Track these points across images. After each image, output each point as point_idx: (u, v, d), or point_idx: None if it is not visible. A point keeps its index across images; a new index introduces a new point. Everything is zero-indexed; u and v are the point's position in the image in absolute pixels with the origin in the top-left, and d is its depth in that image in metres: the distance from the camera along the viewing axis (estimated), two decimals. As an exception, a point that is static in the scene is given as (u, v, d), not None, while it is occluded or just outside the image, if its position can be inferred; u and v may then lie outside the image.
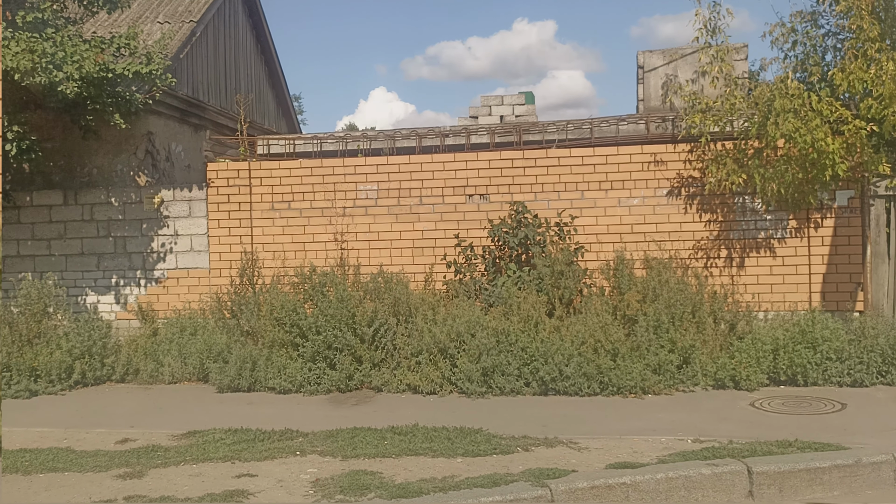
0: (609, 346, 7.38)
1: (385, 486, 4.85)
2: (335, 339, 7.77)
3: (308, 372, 7.83)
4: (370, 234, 10.48)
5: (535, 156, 10.26)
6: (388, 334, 7.87)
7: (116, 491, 5.05)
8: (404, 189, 10.44)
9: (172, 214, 10.82)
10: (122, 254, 10.92)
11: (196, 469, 5.46)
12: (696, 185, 9.85)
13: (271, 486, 5.00)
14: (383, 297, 8.09)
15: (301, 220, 10.57)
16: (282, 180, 10.65)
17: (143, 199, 10.89)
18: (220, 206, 10.73)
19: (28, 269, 11.11)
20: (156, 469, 5.49)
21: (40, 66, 8.40)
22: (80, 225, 10.99)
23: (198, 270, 10.76)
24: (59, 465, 5.66)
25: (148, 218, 10.87)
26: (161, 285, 10.82)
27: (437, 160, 10.45)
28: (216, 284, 10.69)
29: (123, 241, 10.92)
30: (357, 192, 10.49)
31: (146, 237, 10.88)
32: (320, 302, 7.96)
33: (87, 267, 10.97)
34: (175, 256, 10.83)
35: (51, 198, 11.07)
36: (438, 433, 6.04)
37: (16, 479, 5.41)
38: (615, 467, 5.07)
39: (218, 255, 10.73)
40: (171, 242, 10.82)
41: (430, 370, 7.55)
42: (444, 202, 10.35)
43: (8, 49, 8.36)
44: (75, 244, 11.00)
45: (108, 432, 6.60)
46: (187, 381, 8.75)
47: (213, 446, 5.97)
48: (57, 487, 5.19)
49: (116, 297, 10.93)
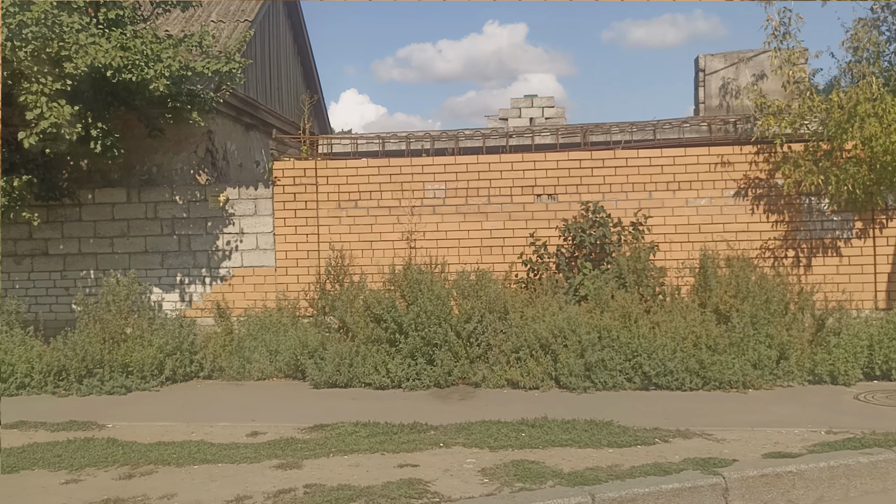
0: (709, 341, 7.55)
1: (558, 475, 4.96)
2: (435, 335, 7.86)
3: (408, 368, 7.91)
4: (438, 233, 10.58)
5: (603, 156, 10.42)
6: (488, 330, 7.98)
7: (283, 480, 5.12)
8: (472, 188, 10.55)
9: (238, 213, 10.85)
10: (186, 252, 10.93)
11: (352, 459, 5.54)
12: (762, 186, 10.07)
13: (441, 475, 5.09)
14: (479, 294, 8.20)
15: (368, 219, 10.65)
16: (348, 179, 10.72)
17: (207, 198, 10.90)
18: (287, 204, 10.77)
19: (90, 266, 11.10)
20: (309, 460, 5.56)
21: (132, 63, 8.41)
22: (144, 223, 10.98)
23: (263, 269, 10.80)
24: (208, 457, 5.71)
25: (213, 216, 10.89)
26: (226, 283, 10.84)
27: (506, 160, 10.57)
28: (282, 283, 10.75)
29: (188, 239, 10.93)
30: (425, 191, 10.59)
31: (211, 235, 10.90)
32: (419, 299, 8.05)
33: (150, 265, 10.96)
34: (240, 255, 10.86)
35: (114, 196, 11.06)
36: (572, 425, 6.16)
37: (173, 470, 5.46)
38: (772, 457, 5.23)
39: (284, 254, 10.78)
40: (237, 240, 10.85)
41: (532, 365, 7.67)
42: (513, 202, 10.48)
43: (99, 46, 8.37)
44: (139, 242, 10.99)
45: (232, 426, 6.65)
46: (276, 377, 8.79)
47: (351, 438, 6.05)
48: (221, 478, 5.24)
49: (181, 295, 10.94)
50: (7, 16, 7.99)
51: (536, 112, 18.25)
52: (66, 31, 8.22)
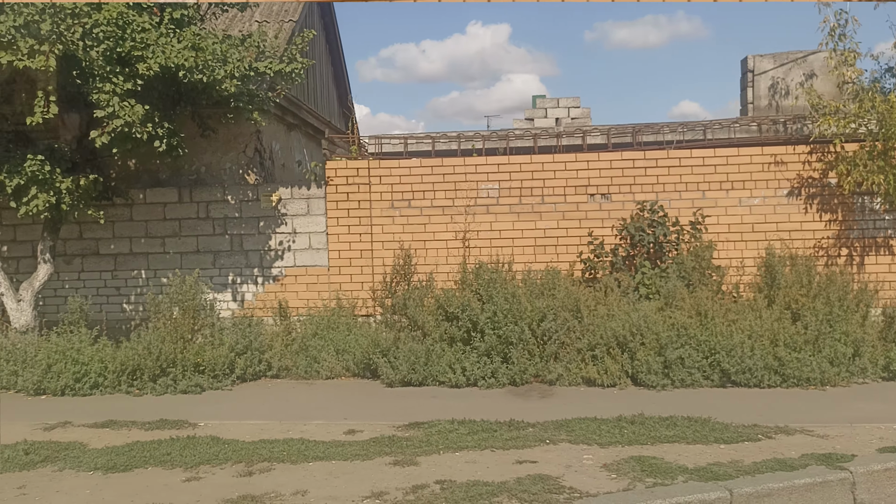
0: (786, 338, 7.64)
1: (684, 470, 5.03)
2: (511, 333, 7.91)
3: (483, 367, 7.96)
4: (491, 233, 10.64)
5: (657, 156, 10.50)
6: (563, 328, 8.04)
7: (406, 477, 5.16)
8: (526, 188, 10.62)
9: (290, 212, 10.87)
10: (238, 251, 10.94)
11: (466, 456, 5.58)
12: (816, 185, 10.18)
13: (565, 471, 5.14)
14: (552, 293, 8.25)
15: (421, 219, 10.69)
16: (401, 178, 10.76)
17: (259, 197, 10.92)
18: (340, 204, 10.80)
19: (141, 266, 11.09)
20: (422, 457, 5.60)
21: (204, 63, 8.42)
22: (196, 222, 10.98)
23: (316, 268, 10.83)
24: (318, 454, 5.74)
25: (265, 216, 10.90)
26: (279, 283, 10.86)
27: (559, 160, 10.64)
28: (335, 282, 10.78)
29: (240, 239, 10.94)
30: (478, 190, 10.65)
31: (263, 235, 10.91)
32: (495, 297, 8.10)
33: (202, 265, 10.94)
34: (293, 254, 10.88)
35: (165, 195, 11.05)
36: (671, 422, 6.23)
37: (289, 468, 5.49)
38: (887, 451, 5.31)
39: (337, 253, 10.81)
40: (289, 240, 10.87)
41: (609, 363, 7.74)
42: (566, 201, 10.55)
43: (172, 46, 8.38)
44: (190, 242, 10.99)
45: (326, 424, 6.68)
46: (343, 376, 8.82)
47: (453, 436, 6.09)
48: (342, 475, 5.27)
49: (234, 294, 10.94)
50: (81, 15, 7.99)
51: (562, 112, 18.35)
52: (136, 30, 8.22)
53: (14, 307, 9.39)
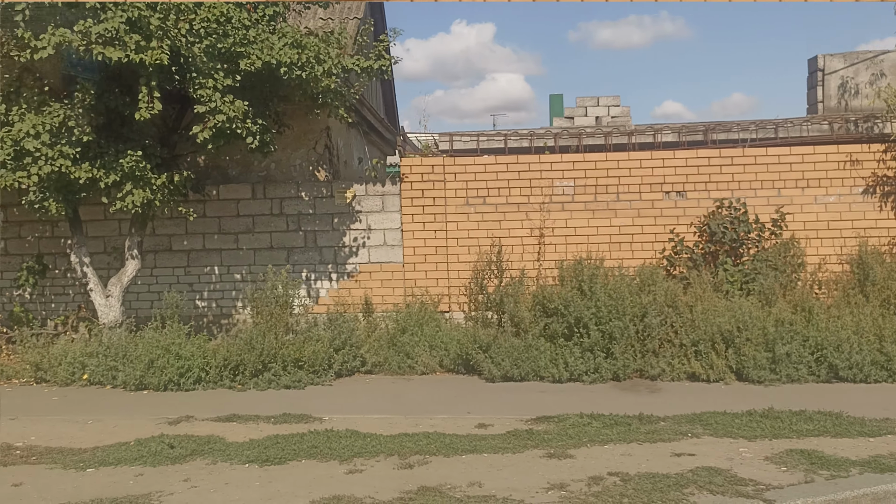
0: (891, 334, 7.73)
1: (851, 463, 5.10)
2: (615, 329, 7.98)
3: (587, 362, 8.02)
4: (567, 230, 10.70)
5: (732, 154, 10.59)
6: (666, 324, 8.11)
7: (572, 469, 5.22)
8: (601, 185, 10.68)
9: (365, 209, 10.90)
10: (312, 248, 10.96)
11: (616, 449, 5.65)
12: (891, 183, 10.28)
13: (730, 464, 5.21)
14: (651, 289, 8.33)
15: (496, 216, 10.74)
16: (476, 175, 10.81)
17: (334, 194, 10.95)
18: (415, 200, 10.84)
19: (214, 262, 11.10)
20: (573, 450, 5.66)
21: (306, 60, 8.45)
22: (269, 219, 11.00)
23: (391, 265, 10.86)
24: (466, 447, 5.80)
25: (339, 212, 10.93)
26: (353, 279, 10.88)
27: (634, 157, 10.71)
28: (410, 278, 10.82)
29: (314, 235, 10.96)
30: (553, 188, 10.70)
31: (337, 231, 10.94)
32: (597, 293, 8.16)
33: (276, 261, 10.96)
34: (367, 251, 10.91)
35: (238, 191, 11.06)
36: (804, 416, 6.31)
37: (444, 460, 5.54)
38: None
39: (412, 250, 10.84)
40: (364, 237, 10.90)
41: (713, 358, 7.82)
42: (641, 198, 10.61)
43: (273, 43, 8.40)
44: (264, 238, 11.01)
45: (452, 418, 6.73)
46: (437, 372, 8.87)
47: (590, 429, 6.16)
48: (503, 468, 5.33)
49: (308, 290, 10.96)
50: (187, 12, 8.01)
51: (602, 111, 18.43)
52: (237, 27, 8.24)
53: (102, 303, 9.39)
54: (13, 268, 11.20)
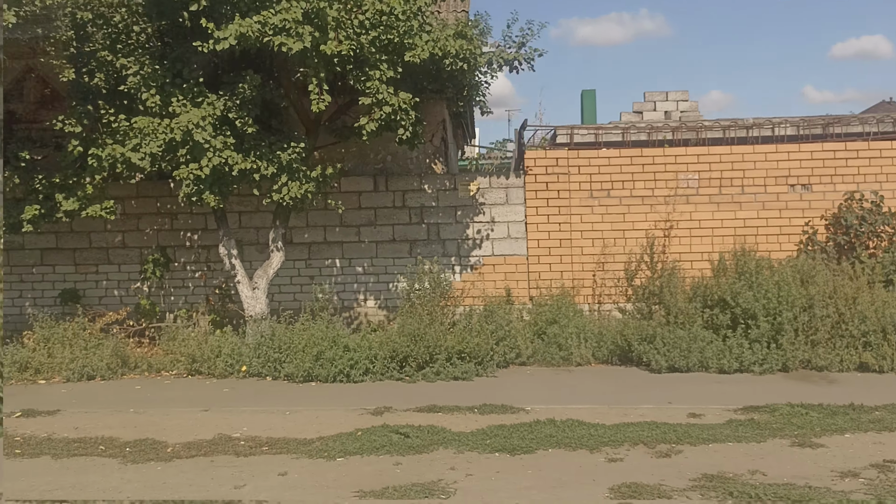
0: None
1: None
2: (785, 320, 8.03)
3: (756, 353, 8.07)
4: (691, 223, 10.75)
5: (857, 147, 10.66)
6: (832, 315, 8.17)
7: (834, 459, 5.27)
8: (725, 178, 10.73)
9: (488, 201, 10.91)
10: (435, 240, 10.96)
11: (863, 438, 5.73)
12: None
13: None
14: (812, 280, 8.38)
15: (620, 208, 10.78)
16: (600, 168, 10.83)
17: (457, 186, 10.95)
18: (539, 193, 10.86)
19: (336, 255, 11.09)
20: (816, 438, 5.73)
21: (469, 51, 8.46)
22: (392, 211, 10.99)
23: (515, 257, 10.88)
24: (704, 436, 5.84)
25: (463, 205, 10.94)
26: (476, 272, 10.90)
27: (759, 151, 10.76)
28: (535, 271, 10.84)
29: (437, 228, 10.96)
30: (678, 180, 10.74)
31: (461, 224, 10.95)
32: (764, 285, 8.21)
33: (398, 254, 10.98)
34: (491, 243, 10.92)
35: (360, 184, 11.04)
36: None
37: (693, 449, 5.60)
38: None
39: (536, 242, 10.86)
40: (487, 229, 10.91)
41: (886, 349, 7.88)
42: (766, 191, 10.67)
43: (439, 34, 8.40)
44: (386, 231, 11.00)
45: (657, 408, 6.76)
46: (592, 363, 8.91)
47: (810, 419, 6.23)
48: (764, 456, 5.39)
49: (430, 283, 10.94)
50: (362, 3, 8.00)
51: (671, 105, 18.47)
52: (401, 19, 8.23)
53: (249, 295, 9.38)
54: (130, 260, 11.17)
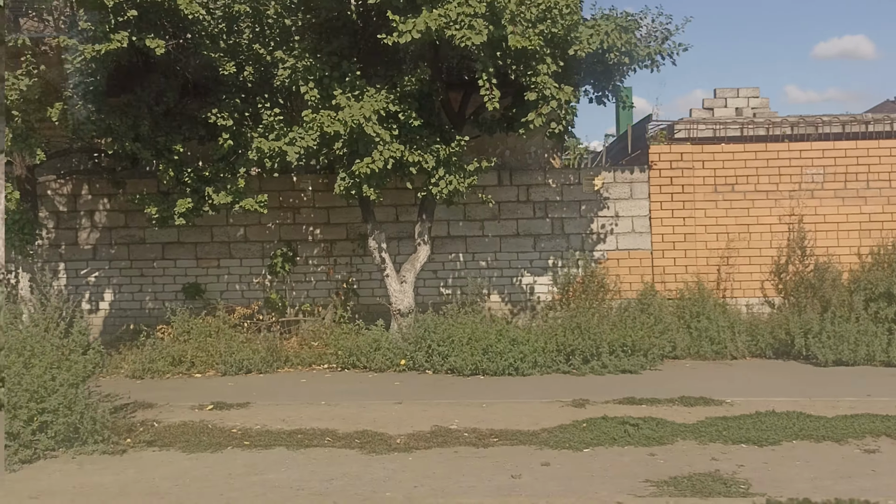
0: None
1: None
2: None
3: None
4: (815, 217, 10.77)
5: (983, 141, 10.69)
6: None
7: None
8: (850, 173, 10.78)
9: (612, 196, 10.94)
10: (559, 235, 10.98)
11: None
12: None
13: None
14: None
15: (745, 203, 10.80)
16: (724, 163, 10.87)
17: (581, 181, 10.98)
18: (663, 188, 10.89)
19: (459, 249, 11.11)
20: None
21: (632, 45, 8.47)
22: (516, 206, 11.01)
23: (638, 251, 10.91)
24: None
25: (586, 199, 10.96)
26: (600, 266, 10.91)
27: (884, 146, 10.82)
28: (658, 265, 10.87)
29: (561, 222, 10.99)
30: (802, 175, 10.77)
31: (585, 218, 10.97)
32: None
33: (522, 248, 11.01)
34: (615, 238, 10.95)
35: (484, 178, 10.94)
36: None
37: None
38: None
39: (660, 237, 10.89)
40: (612, 224, 10.94)
41: None
42: (891, 186, 10.71)
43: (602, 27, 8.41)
44: (510, 225, 11.02)
45: (860, 400, 6.80)
46: (748, 356, 8.95)
47: None
48: None
49: (554, 277, 10.98)
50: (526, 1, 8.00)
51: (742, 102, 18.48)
52: (565, 13, 8.23)
53: (397, 289, 9.39)
54: (252, 255, 11.18)
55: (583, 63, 8.62)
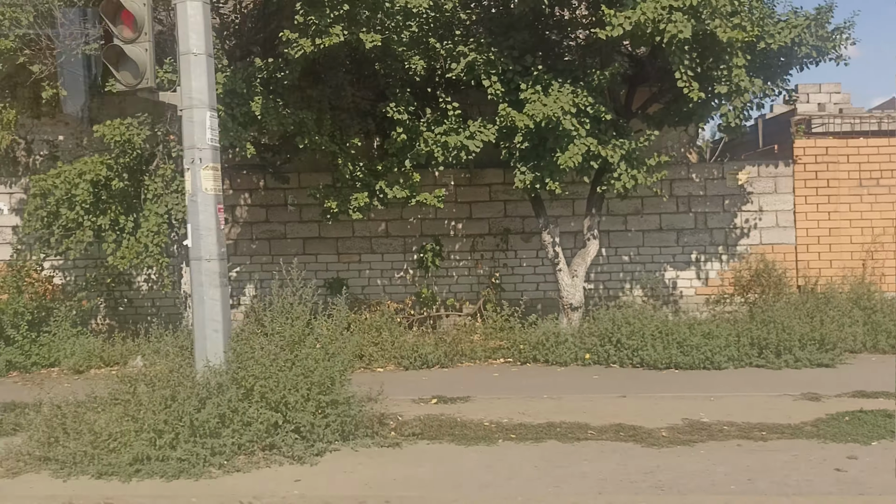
0: None
1: None
2: None
3: None
4: (963, 212, 10.79)
5: None
6: None
7: None
8: None
9: (756, 190, 10.94)
10: (702, 229, 10.99)
11: None
12: None
13: None
14: None
15: (890, 197, 10.82)
16: (869, 157, 10.88)
17: (725, 175, 10.98)
18: (808, 182, 10.90)
19: (601, 244, 11.05)
20: None
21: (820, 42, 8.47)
22: (658, 200, 10.97)
23: (782, 246, 10.92)
24: None
25: (730, 194, 10.97)
26: (743, 260, 10.92)
27: None
28: (802, 259, 10.88)
29: (704, 217, 10.99)
30: (948, 169, 10.78)
31: (728, 213, 10.98)
32: None
33: (665, 243, 11.01)
34: (759, 232, 10.96)
35: (627, 173, 11.01)
36: None
37: None
38: None
39: (805, 231, 10.91)
40: (755, 218, 10.94)
41: None
42: None
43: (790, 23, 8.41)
44: (653, 220, 11.02)
45: None
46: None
47: None
48: None
49: (697, 272, 10.99)
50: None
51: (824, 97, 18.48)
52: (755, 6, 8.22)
53: (568, 283, 9.39)
54: (394, 250, 11.17)
55: (769, 56, 8.59)
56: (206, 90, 5.73)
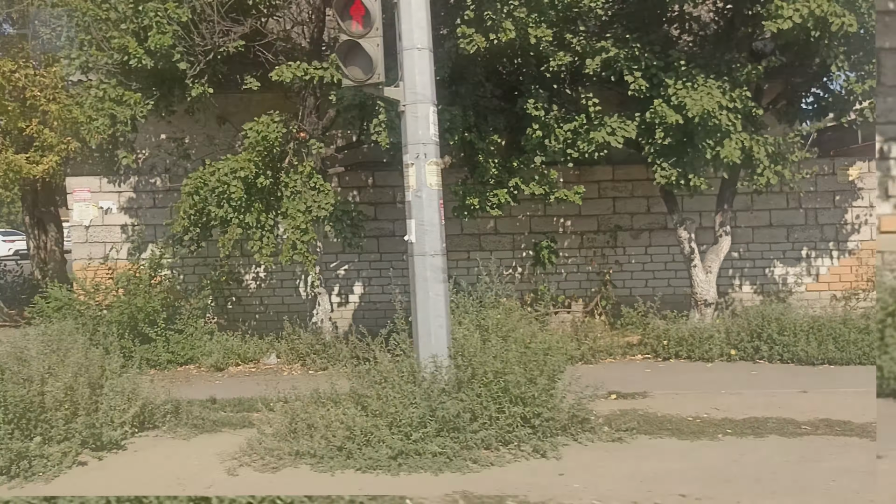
0: None
1: None
2: None
3: None
4: None
5: None
6: None
7: None
8: None
9: (867, 186, 10.95)
10: (812, 225, 11.00)
11: None
12: None
13: None
14: None
15: None
16: (979, 153, 10.90)
17: (836, 171, 10.99)
18: (918, 178, 10.90)
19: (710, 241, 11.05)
20: None
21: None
22: (768, 196, 10.96)
23: (893, 242, 10.91)
24: None
25: (840, 189, 10.98)
26: (854, 257, 10.94)
27: None
28: (915, 255, 10.88)
29: (814, 213, 11.00)
30: None
31: (839, 209, 10.99)
32: None
33: (775, 239, 11.01)
34: (870, 228, 10.96)
35: (737, 169, 11.01)
36: None
37: None
38: None
39: (918, 227, 10.91)
40: (866, 214, 10.95)
41: None
42: None
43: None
44: (763, 216, 11.02)
45: None
46: None
47: None
48: None
49: (807, 269, 11.00)
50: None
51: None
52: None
53: (703, 279, 9.36)
54: (503, 247, 11.11)
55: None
56: (429, 85, 5.67)
